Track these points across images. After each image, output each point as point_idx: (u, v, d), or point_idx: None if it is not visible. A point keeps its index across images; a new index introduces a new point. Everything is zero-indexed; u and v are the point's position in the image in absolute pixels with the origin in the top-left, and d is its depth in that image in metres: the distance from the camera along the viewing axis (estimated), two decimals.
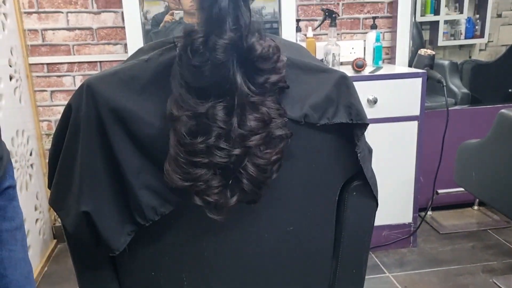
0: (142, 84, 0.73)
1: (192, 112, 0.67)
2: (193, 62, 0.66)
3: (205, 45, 0.66)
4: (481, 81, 2.89)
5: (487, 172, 1.64)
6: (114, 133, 0.71)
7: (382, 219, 2.18)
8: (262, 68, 0.70)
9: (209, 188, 0.70)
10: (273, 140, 0.71)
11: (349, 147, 0.84)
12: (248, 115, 0.69)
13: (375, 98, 2.02)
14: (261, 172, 0.71)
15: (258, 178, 0.71)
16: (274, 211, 0.82)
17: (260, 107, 0.70)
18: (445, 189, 2.44)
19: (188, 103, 0.67)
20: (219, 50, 0.65)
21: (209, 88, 0.67)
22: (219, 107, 0.67)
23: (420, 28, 2.86)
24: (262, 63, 0.69)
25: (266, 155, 0.71)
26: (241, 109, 0.68)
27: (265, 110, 0.70)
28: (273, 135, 0.71)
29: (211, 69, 0.66)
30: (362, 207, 0.92)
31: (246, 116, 0.69)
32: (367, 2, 2.39)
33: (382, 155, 2.07)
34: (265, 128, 0.70)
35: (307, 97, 0.78)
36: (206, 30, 0.66)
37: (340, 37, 2.41)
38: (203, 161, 0.68)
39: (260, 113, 0.69)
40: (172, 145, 0.69)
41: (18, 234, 0.74)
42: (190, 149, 0.67)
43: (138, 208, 0.73)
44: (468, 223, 2.51)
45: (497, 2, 3.01)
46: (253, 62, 0.69)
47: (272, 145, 0.71)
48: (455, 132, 2.29)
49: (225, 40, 0.66)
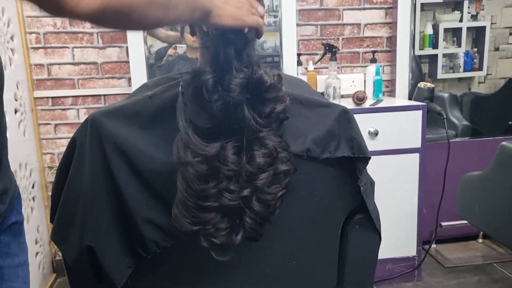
0: (145, 120, 0.74)
1: (202, 156, 0.66)
2: (204, 104, 0.65)
3: (218, 86, 0.65)
4: (481, 113, 2.91)
5: (490, 205, 1.63)
6: (118, 167, 0.72)
7: (386, 252, 2.15)
8: (268, 98, 0.70)
9: (217, 231, 0.68)
10: (278, 176, 0.71)
11: (351, 180, 0.84)
12: (256, 152, 0.68)
13: (376, 130, 2.04)
14: (266, 207, 0.70)
15: (262, 214, 0.70)
16: (276, 246, 0.82)
17: (267, 142, 0.69)
18: (449, 222, 2.42)
19: (197, 145, 0.66)
20: (235, 89, 0.65)
21: (217, 127, 0.67)
22: (229, 147, 0.66)
23: (419, 61, 2.91)
24: (269, 93, 0.70)
25: (273, 190, 0.70)
26: (250, 146, 0.68)
27: (272, 145, 0.69)
28: (278, 171, 0.71)
29: (221, 109, 0.66)
30: (365, 240, 0.91)
31: (254, 153, 0.68)
32: (366, 37, 2.44)
33: (384, 188, 2.06)
34: (272, 164, 0.69)
35: (309, 132, 0.79)
36: (216, 69, 0.66)
37: (341, 70, 2.45)
38: (213, 205, 0.67)
39: (268, 149, 0.69)
40: (181, 190, 0.67)
41: (21, 270, 0.72)
42: (202, 194, 0.66)
43: (140, 241, 0.73)
44: (473, 256, 2.48)
45: (494, 36, 3.07)
46: (260, 94, 0.69)
47: (277, 180, 0.71)
48: (456, 164, 2.29)
49: (240, 79, 0.66)
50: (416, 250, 2.21)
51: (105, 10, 0.54)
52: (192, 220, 0.67)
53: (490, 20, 3.02)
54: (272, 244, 0.81)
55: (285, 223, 0.80)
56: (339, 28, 2.41)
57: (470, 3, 2.94)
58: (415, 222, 2.17)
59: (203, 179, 0.66)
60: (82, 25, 2.23)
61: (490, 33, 2.99)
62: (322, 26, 2.40)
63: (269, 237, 0.76)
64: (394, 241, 2.17)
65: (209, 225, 0.68)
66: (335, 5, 2.38)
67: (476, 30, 3.00)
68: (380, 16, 2.42)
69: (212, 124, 0.67)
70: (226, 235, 0.69)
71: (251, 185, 0.68)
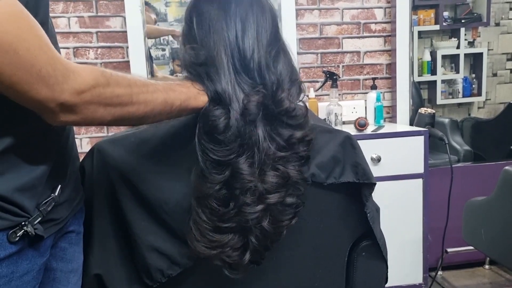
0: (152, 148, 0.74)
1: (219, 183, 0.67)
2: (218, 140, 0.67)
3: (229, 124, 0.67)
4: (482, 138, 2.91)
5: (495, 230, 1.62)
6: (124, 195, 0.72)
7: (392, 280, 2.10)
8: (289, 122, 0.71)
9: (233, 251, 0.69)
10: (290, 205, 0.72)
11: (357, 206, 0.84)
12: (267, 172, 0.69)
13: (378, 156, 2.04)
14: (275, 229, 0.70)
15: (269, 235, 0.70)
16: (283, 273, 0.81)
17: (280, 166, 0.70)
18: (455, 248, 2.39)
19: (213, 175, 0.67)
20: (253, 109, 0.67)
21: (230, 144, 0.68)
22: (242, 160, 0.68)
23: (419, 87, 2.94)
24: (289, 118, 0.71)
25: (286, 216, 0.71)
26: (263, 163, 0.69)
27: (284, 170, 0.70)
28: (289, 196, 0.71)
29: (236, 133, 0.67)
30: (372, 268, 0.90)
31: (266, 172, 0.69)
32: (366, 64, 2.48)
33: (388, 214, 2.05)
34: (284, 187, 0.70)
35: (313, 157, 0.79)
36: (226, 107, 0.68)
37: (342, 97, 2.47)
38: (231, 226, 0.68)
39: (280, 171, 0.70)
40: (197, 217, 0.68)
41: (72, 277, 0.74)
42: (224, 218, 0.68)
43: (145, 270, 0.73)
44: (481, 283, 2.43)
45: (492, 62, 3.11)
46: (279, 116, 0.71)
47: (290, 207, 0.72)
48: (460, 189, 2.28)
49: (257, 97, 0.68)
50: (423, 277, 2.17)
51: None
52: (209, 244, 0.68)
53: (487, 46, 3.07)
54: (279, 271, 0.80)
55: (291, 250, 0.80)
56: (339, 55, 2.45)
57: (467, 30, 2.99)
58: (420, 248, 2.15)
59: (223, 204, 0.67)
60: (86, 56, 2.26)
61: (487, 59, 3.04)
62: (322, 54, 2.43)
63: (276, 264, 0.75)
64: (400, 268, 2.14)
65: (227, 247, 0.68)
66: (334, 33, 2.42)
67: (473, 57, 3.04)
68: (379, 44, 2.46)
69: (227, 146, 0.68)
70: (239, 255, 0.70)
71: (263, 203, 0.68)
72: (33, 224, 0.62)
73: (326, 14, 2.40)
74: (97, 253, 0.72)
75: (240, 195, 0.67)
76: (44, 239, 0.65)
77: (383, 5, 2.42)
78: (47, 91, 0.54)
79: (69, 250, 0.74)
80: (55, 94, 0.55)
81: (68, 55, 2.29)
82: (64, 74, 0.55)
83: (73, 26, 2.22)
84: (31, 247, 0.64)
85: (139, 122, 0.67)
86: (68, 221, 0.73)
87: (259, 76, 0.70)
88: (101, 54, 2.27)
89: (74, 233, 0.75)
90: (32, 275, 0.64)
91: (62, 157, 0.70)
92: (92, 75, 0.58)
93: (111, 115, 0.61)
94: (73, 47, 2.25)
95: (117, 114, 0.62)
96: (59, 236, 0.72)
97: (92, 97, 0.58)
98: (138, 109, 0.63)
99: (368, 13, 2.43)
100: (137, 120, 0.65)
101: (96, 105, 0.59)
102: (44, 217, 0.65)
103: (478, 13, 2.96)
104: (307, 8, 2.38)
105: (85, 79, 0.57)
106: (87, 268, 0.72)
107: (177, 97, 0.67)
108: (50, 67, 0.54)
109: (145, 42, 2.21)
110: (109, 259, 0.72)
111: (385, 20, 2.44)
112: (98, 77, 0.59)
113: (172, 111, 0.67)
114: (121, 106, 0.61)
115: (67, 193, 0.71)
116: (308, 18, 2.39)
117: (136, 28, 2.18)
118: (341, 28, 2.42)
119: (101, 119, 0.61)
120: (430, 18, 2.90)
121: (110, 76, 0.61)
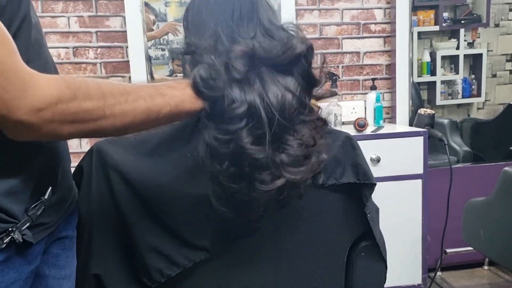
0: (152, 147, 0.74)
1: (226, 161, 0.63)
2: (226, 120, 0.62)
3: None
4: (481, 139, 2.92)
5: (495, 230, 1.62)
6: (123, 195, 0.72)
7: (391, 280, 2.11)
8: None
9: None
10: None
11: (356, 207, 0.84)
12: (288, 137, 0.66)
13: (378, 157, 2.04)
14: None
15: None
16: (282, 273, 0.81)
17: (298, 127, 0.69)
18: (454, 248, 2.39)
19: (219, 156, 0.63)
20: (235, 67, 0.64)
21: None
22: (244, 134, 0.63)
23: (418, 88, 2.94)
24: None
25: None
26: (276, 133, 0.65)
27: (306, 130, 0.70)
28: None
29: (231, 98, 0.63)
30: (371, 269, 0.90)
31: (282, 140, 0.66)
32: (365, 64, 2.48)
33: (387, 214, 2.04)
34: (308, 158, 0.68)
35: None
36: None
37: (341, 97, 2.47)
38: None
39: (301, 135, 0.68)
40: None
41: (65, 283, 0.72)
42: (236, 195, 0.65)
43: (144, 270, 0.73)
44: (480, 284, 2.43)
45: (491, 63, 3.11)
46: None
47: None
48: (459, 189, 2.28)
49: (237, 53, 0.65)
50: (422, 278, 2.17)
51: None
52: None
53: (486, 47, 3.07)
54: (278, 272, 0.80)
55: (291, 250, 0.80)
56: (339, 56, 2.45)
57: (466, 31, 2.99)
58: (419, 249, 2.15)
59: (234, 181, 0.64)
60: (86, 56, 2.26)
61: (487, 60, 3.04)
62: (322, 55, 2.43)
63: (275, 265, 0.75)
64: (399, 269, 2.14)
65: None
66: (334, 34, 2.42)
67: (473, 57, 3.05)
68: (379, 44, 2.46)
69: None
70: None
71: (281, 177, 0.64)
72: (21, 230, 0.60)
73: (326, 15, 2.40)
74: (96, 253, 0.72)
75: (251, 172, 0.63)
76: (33, 245, 0.63)
77: (383, 5, 2.43)
78: (1, 107, 0.49)
79: (62, 256, 0.72)
80: (10, 111, 0.49)
81: (68, 54, 2.29)
82: (21, 89, 0.50)
83: (72, 25, 2.22)
84: (19, 254, 0.61)
85: (120, 134, 0.62)
86: (60, 226, 0.71)
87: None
88: (100, 54, 2.27)
89: (68, 239, 0.73)
90: (19, 284, 0.61)
91: (52, 157, 0.68)
92: (54, 89, 0.52)
93: (80, 131, 0.56)
94: (73, 46, 2.25)
95: (88, 130, 0.56)
96: (51, 241, 0.70)
97: (53, 114, 0.52)
98: (114, 122, 0.57)
99: (368, 14, 2.43)
100: (116, 132, 0.60)
101: (58, 123, 0.53)
102: (33, 221, 0.62)
103: (478, 14, 2.97)
104: (307, 9, 2.38)
105: (45, 94, 0.51)
106: (85, 268, 0.72)
107: (166, 103, 0.61)
108: (4, 81, 0.49)
109: (144, 42, 2.21)
110: (108, 259, 0.72)
111: (385, 21, 2.44)
112: (61, 91, 0.52)
113: (160, 119, 0.61)
114: (91, 121, 0.55)
115: (59, 194, 0.69)
116: (308, 18, 2.39)
117: (135, 28, 2.18)
118: (341, 28, 2.42)
119: (69, 136, 0.56)
120: (430, 19, 2.90)
121: (78, 88, 0.54)
